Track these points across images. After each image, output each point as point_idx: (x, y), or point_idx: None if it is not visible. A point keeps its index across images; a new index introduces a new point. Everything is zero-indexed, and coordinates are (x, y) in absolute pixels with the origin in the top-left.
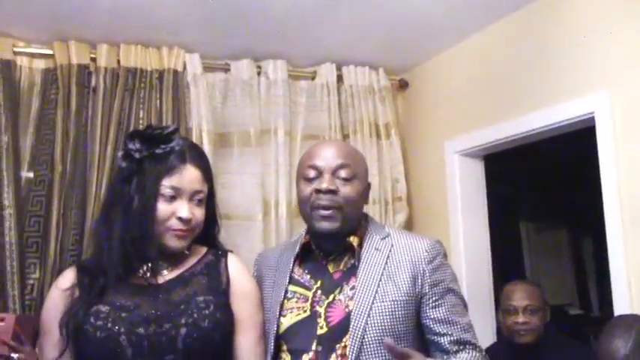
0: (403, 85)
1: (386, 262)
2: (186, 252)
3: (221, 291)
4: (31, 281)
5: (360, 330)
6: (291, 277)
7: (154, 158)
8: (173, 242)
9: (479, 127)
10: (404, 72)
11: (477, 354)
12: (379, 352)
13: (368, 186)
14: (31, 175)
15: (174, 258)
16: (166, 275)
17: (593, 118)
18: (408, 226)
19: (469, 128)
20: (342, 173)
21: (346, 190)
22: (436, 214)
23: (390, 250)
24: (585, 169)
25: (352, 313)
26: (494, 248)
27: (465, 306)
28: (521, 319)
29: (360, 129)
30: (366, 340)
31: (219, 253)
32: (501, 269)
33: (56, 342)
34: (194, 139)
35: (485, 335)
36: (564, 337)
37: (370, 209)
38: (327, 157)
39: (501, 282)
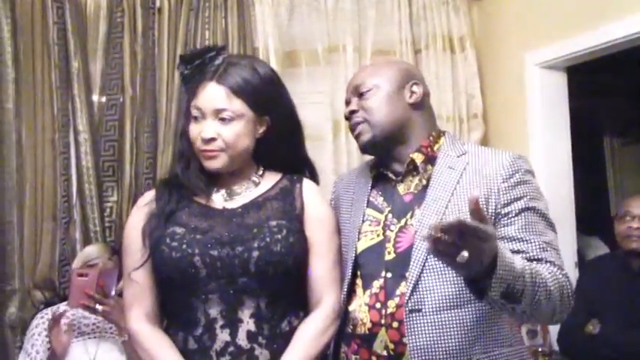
0: None
1: (458, 182)
2: (257, 176)
3: (294, 216)
4: (109, 204)
5: (422, 254)
6: (368, 200)
7: (189, 79)
8: (206, 163)
9: (561, 37)
10: None
11: (556, 270)
12: (441, 278)
13: (411, 87)
14: (103, 99)
15: (247, 183)
16: (240, 199)
17: None
18: (484, 144)
19: (550, 38)
20: (360, 88)
21: (367, 104)
22: (514, 131)
23: (465, 169)
24: None
25: (415, 237)
26: (577, 165)
27: (550, 225)
28: (635, 224)
29: (433, 43)
30: (428, 265)
31: (294, 178)
32: (584, 187)
33: (138, 256)
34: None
35: (566, 255)
36: None
37: (444, 127)
38: (350, 83)
39: (583, 201)
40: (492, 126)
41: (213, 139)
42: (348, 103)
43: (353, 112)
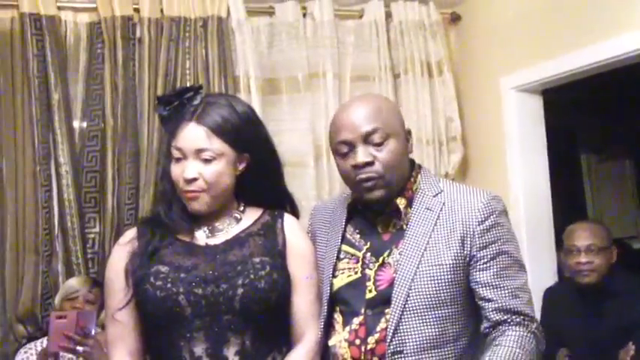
0: (455, 18)
1: (435, 223)
2: (238, 212)
3: (277, 252)
4: (92, 235)
5: (403, 297)
6: (343, 236)
7: (168, 120)
8: (188, 205)
9: (537, 61)
10: (456, 5)
11: (522, 330)
12: (422, 319)
13: (407, 134)
14: (84, 130)
15: (229, 219)
16: (222, 235)
17: None
18: (464, 166)
19: (526, 63)
20: (375, 138)
21: (383, 156)
22: (493, 153)
23: (442, 209)
24: None
25: (395, 279)
26: (554, 184)
27: (521, 267)
28: (583, 258)
29: (412, 67)
30: (409, 306)
31: (275, 213)
32: (562, 205)
33: (121, 296)
34: (241, 88)
35: (546, 275)
36: (632, 277)
37: (424, 150)
38: (354, 125)
39: (562, 219)
40: (471, 148)
41: (195, 179)
42: (351, 146)
43: (368, 163)
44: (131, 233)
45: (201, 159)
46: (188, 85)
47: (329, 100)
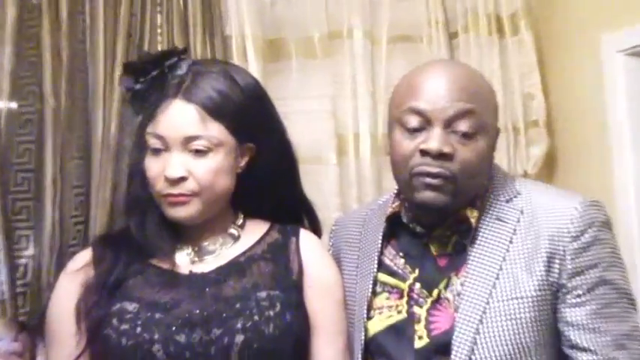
0: None
1: (510, 240)
2: (235, 229)
3: (291, 283)
4: (22, 260)
5: (467, 345)
6: (380, 261)
7: (141, 98)
8: (171, 211)
9: None
10: None
11: None
12: None
13: (497, 134)
14: (13, 105)
15: (223, 237)
16: (213, 260)
17: None
18: (550, 163)
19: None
20: (463, 125)
21: (466, 154)
22: (591, 143)
23: (519, 220)
24: None
25: (456, 320)
26: None
27: (630, 302)
28: None
29: (474, 24)
30: (476, 357)
31: (287, 229)
32: None
33: (70, 346)
34: (234, 53)
35: None
36: None
37: None
38: (441, 96)
39: None
40: (560, 136)
41: (182, 179)
42: (423, 120)
43: (445, 155)
44: (84, 257)
45: (192, 150)
46: (160, 49)
47: (357, 70)
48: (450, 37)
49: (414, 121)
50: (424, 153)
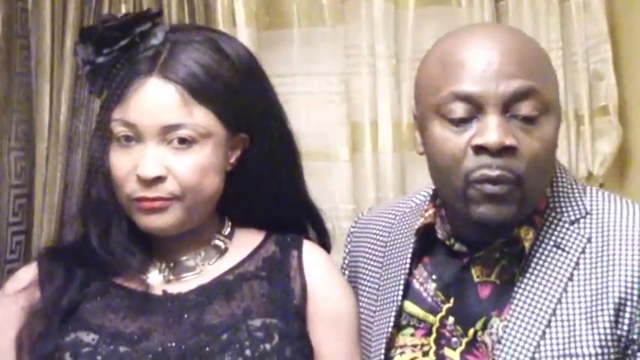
0: None
1: (571, 277)
2: (221, 240)
3: (291, 309)
4: None
5: None
6: (407, 284)
7: (104, 74)
8: (141, 221)
9: None
10: None
11: None
12: None
13: (560, 118)
14: None
15: (205, 250)
16: (193, 279)
17: None
18: (622, 161)
19: None
20: (525, 108)
21: (533, 145)
22: None
23: (584, 250)
24: None
25: None
26: None
27: None
28: None
29: None
30: None
31: (287, 240)
32: None
33: None
34: (219, 18)
35: None
36: None
37: None
38: (491, 72)
39: None
40: (636, 128)
41: (159, 179)
42: (474, 107)
43: (509, 149)
44: (27, 275)
45: (172, 143)
46: (124, 12)
47: (377, 40)
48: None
49: (459, 110)
50: (480, 150)
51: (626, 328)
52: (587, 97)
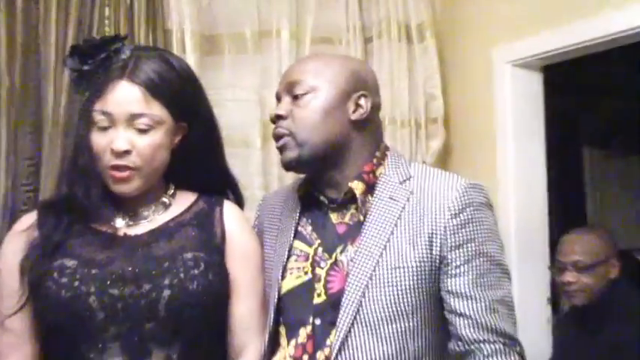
0: None
1: (399, 216)
2: (167, 198)
3: (214, 247)
4: None
5: (353, 305)
6: (296, 230)
7: (88, 78)
8: (113, 187)
9: (537, 31)
10: None
11: (501, 358)
12: (376, 333)
13: (357, 98)
14: None
15: (155, 205)
16: (147, 225)
17: None
18: (445, 155)
19: (525, 32)
20: (298, 89)
21: (298, 112)
22: (480, 139)
23: (408, 199)
24: None
25: (346, 283)
26: (552, 182)
27: (504, 273)
28: (569, 277)
29: (387, 31)
30: (360, 318)
31: (212, 199)
32: (558, 206)
33: (15, 297)
34: (174, 44)
35: (539, 294)
36: (637, 295)
37: (398, 134)
38: (288, 72)
39: (558, 222)
40: (455, 133)
41: (127, 152)
42: (278, 99)
43: (280, 117)
44: (29, 219)
45: (135, 128)
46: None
47: (283, 66)
48: (365, 41)
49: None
50: (275, 118)
51: (437, 249)
52: (424, 111)
